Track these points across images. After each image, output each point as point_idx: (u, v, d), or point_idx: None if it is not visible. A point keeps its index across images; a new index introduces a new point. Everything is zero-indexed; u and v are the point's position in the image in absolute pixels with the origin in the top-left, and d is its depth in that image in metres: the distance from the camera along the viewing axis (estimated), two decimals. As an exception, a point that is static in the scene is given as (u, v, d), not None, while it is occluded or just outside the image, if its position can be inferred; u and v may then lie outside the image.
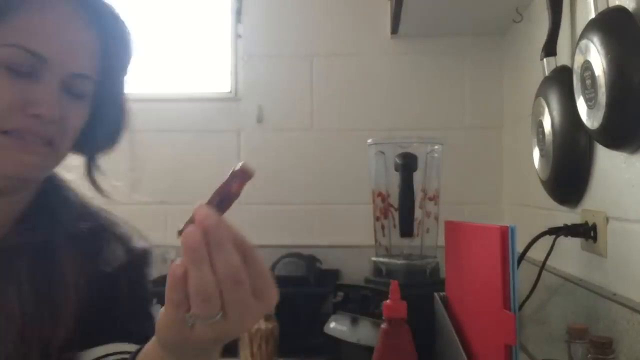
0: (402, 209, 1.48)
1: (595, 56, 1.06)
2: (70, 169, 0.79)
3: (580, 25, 1.19)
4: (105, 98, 0.77)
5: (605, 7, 1.07)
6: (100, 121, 0.76)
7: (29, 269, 0.72)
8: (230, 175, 0.57)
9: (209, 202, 0.55)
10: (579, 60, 1.13)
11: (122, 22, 0.78)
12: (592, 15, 1.10)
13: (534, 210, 1.64)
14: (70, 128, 0.73)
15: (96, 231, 0.78)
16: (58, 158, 0.75)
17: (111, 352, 0.70)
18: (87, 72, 0.73)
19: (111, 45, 0.76)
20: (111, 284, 0.76)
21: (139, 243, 0.83)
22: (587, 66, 1.10)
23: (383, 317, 1.02)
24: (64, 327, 0.69)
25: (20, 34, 0.67)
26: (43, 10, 0.69)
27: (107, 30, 0.75)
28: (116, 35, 0.77)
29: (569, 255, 1.33)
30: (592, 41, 1.07)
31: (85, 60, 0.73)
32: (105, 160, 0.82)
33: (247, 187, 0.87)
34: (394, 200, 1.51)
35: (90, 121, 0.77)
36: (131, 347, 0.65)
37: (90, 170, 0.81)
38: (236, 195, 0.56)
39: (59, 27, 0.70)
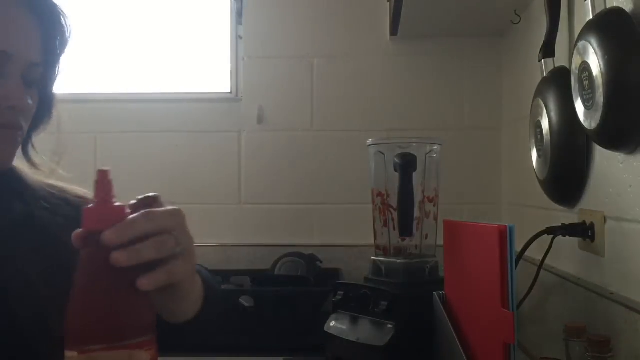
0: (402, 208, 1.49)
1: (593, 57, 1.07)
2: None
3: (578, 27, 1.20)
4: (45, 82, 0.84)
5: (603, 8, 1.08)
6: (41, 103, 0.83)
7: (28, 244, 0.80)
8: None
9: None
10: (576, 62, 1.14)
11: (59, 11, 0.84)
12: (590, 16, 1.11)
13: (532, 210, 1.65)
14: (31, 113, 0.82)
15: (68, 199, 0.90)
16: (22, 139, 0.83)
17: None
18: (38, 60, 0.81)
19: (50, 33, 0.83)
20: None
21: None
22: (584, 67, 1.10)
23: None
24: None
25: None
26: (1, 10, 0.77)
27: (47, 20, 0.82)
28: (55, 24, 0.84)
29: (567, 255, 1.34)
30: (589, 42, 1.08)
31: (36, 50, 0.80)
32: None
33: (248, 187, 0.89)
34: (394, 200, 1.52)
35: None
36: None
37: (27, 148, 0.88)
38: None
39: (15, 25, 0.78)
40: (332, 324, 1.48)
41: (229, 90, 2.17)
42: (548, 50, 1.36)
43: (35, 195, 0.86)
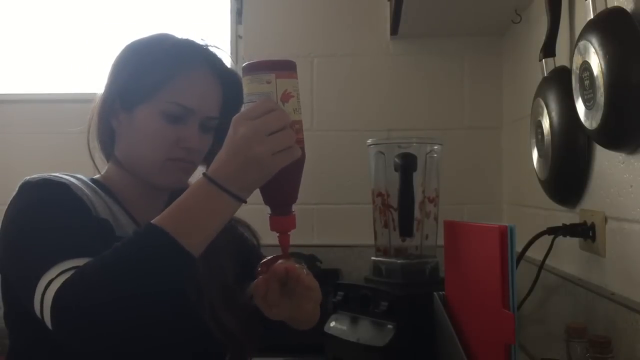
0: (402, 209, 1.49)
1: (594, 57, 1.06)
2: None
3: (579, 26, 1.19)
4: (222, 128, 0.99)
5: (604, 8, 1.08)
6: (218, 143, 0.97)
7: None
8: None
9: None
10: (577, 61, 1.14)
11: (237, 77, 1.05)
12: (591, 16, 1.11)
13: (533, 210, 1.65)
14: (203, 152, 1.07)
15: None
16: (193, 171, 1.09)
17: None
18: (215, 115, 1.05)
19: (229, 92, 1.07)
20: (244, 245, 1.22)
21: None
22: (585, 67, 1.10)
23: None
24: (231, 274, 1.12)
25: (177, 94, 1.01)
26: (192, 75, 1.03)
27: (227, 83, 1.07)
28: (233, 87, 1.06)
29: (568, 255, 1.33)
30: (590, 42, 1.08)
31: (214, 106, 1.05)
32: None
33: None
34: (394, 200, 1.52)
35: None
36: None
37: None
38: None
39: (201, 86, 1.03)
40: (332, 324, 1.47)
41: (229, 90, 2.17)
42: (549, 49, 1.36)
43: None
